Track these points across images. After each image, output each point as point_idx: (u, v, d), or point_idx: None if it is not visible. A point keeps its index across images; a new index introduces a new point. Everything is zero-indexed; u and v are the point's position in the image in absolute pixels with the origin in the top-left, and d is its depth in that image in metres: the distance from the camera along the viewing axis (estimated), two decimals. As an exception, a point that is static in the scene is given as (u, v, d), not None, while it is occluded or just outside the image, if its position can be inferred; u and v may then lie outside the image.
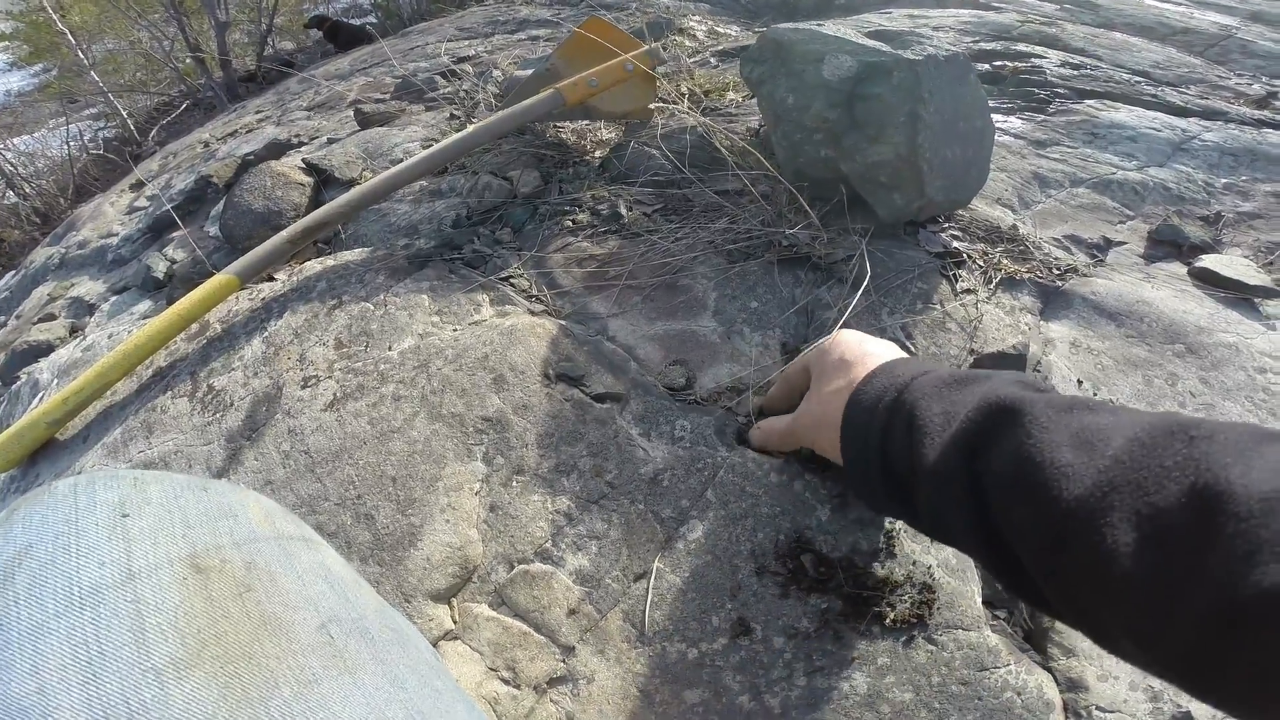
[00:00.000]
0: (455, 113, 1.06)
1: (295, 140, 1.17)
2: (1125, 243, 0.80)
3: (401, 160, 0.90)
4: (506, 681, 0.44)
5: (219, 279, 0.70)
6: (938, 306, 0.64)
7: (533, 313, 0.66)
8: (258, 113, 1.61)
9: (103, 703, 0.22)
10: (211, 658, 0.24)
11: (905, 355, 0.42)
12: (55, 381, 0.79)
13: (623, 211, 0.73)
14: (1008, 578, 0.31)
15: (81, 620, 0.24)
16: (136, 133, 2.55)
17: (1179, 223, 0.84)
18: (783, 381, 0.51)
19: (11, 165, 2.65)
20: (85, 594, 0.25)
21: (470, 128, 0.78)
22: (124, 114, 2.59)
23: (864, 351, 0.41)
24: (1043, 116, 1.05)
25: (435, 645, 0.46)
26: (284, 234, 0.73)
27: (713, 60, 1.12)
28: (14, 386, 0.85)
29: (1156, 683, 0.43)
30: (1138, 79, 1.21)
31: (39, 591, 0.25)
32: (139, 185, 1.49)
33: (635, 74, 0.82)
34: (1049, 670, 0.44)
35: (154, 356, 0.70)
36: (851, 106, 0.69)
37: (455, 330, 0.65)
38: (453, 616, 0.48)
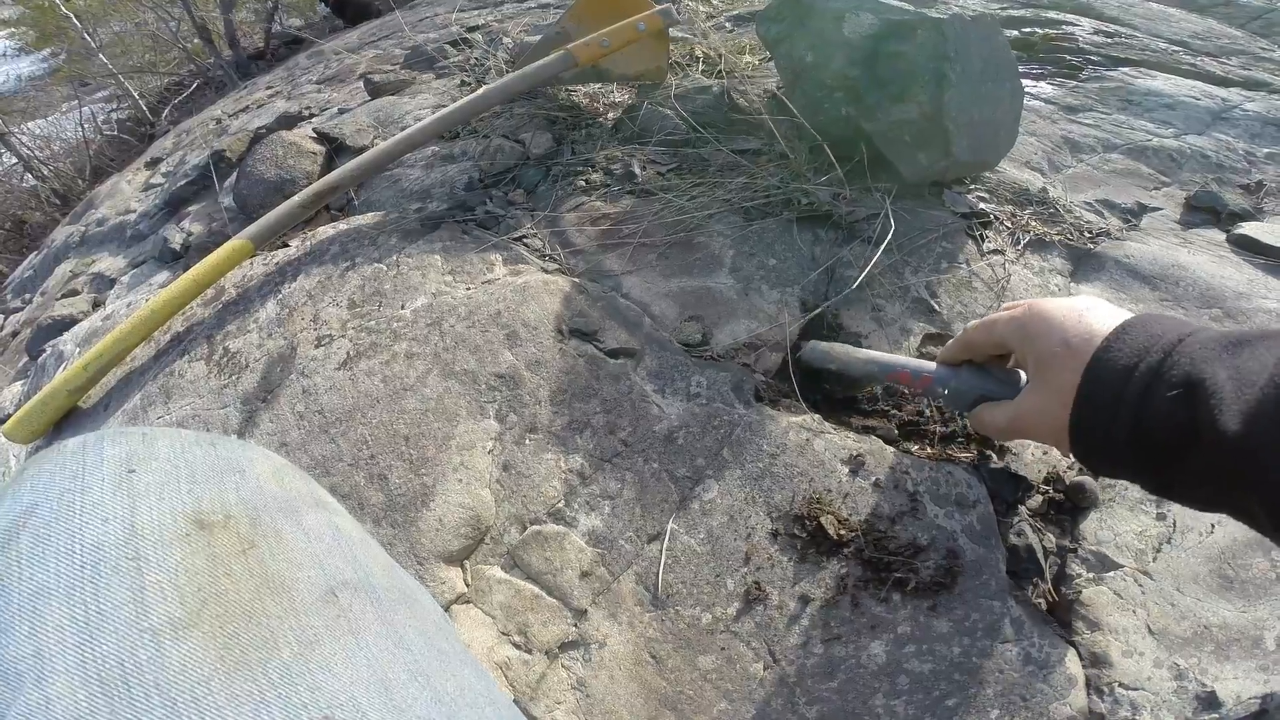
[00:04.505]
0: (466, 80, 1.04)
1: (306, 112, 1.16)
2: (1160, 208, 0.77)
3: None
4: (518, 646, 0.44)
5: (232, 244, 0.70)
6: (963, 266, 0.62)
7: (546, 271, 0.65)
8: (268, 88, 1.60)
9: (98, 664, 0.22)
10: (211, 617, 0.24)
11: (1118, 308, 0.37)
12: (77, 351, 0.80)
13: (636, 171, 0.71)
14: None
15: (82, 580, 0.24)
16: (149, 113, 2.56)
17: (1218, 189, 0.81)
18: (964, 345, 0.44)
19: (28, 149, 2.68)
20: (87, 553, 0.25)
21: (481, 89, 0.77)
22: (135, 95, 2.60)
23: (1087, 325, 0.36)
24: (1074, 83, 1.01)
25: (448, 609, 0.46)
26: (296, 198, 0.72)
27: (728, 25, 1.09)
28: (40, 359, 0.86)
29: (1182, 660, 0.42)
30: (1176, 48, 1.16)
31: (41, 551, 0.25)
32: (154, 163, 1.50)
33: (647, 34, 0.80)
34: (1072, 644, 0.42)
35: (171, 322, 0.70)
36: (874, 64, 0.66)
37: (468, 289, 0.64)
38: (465, 579, 0.47)
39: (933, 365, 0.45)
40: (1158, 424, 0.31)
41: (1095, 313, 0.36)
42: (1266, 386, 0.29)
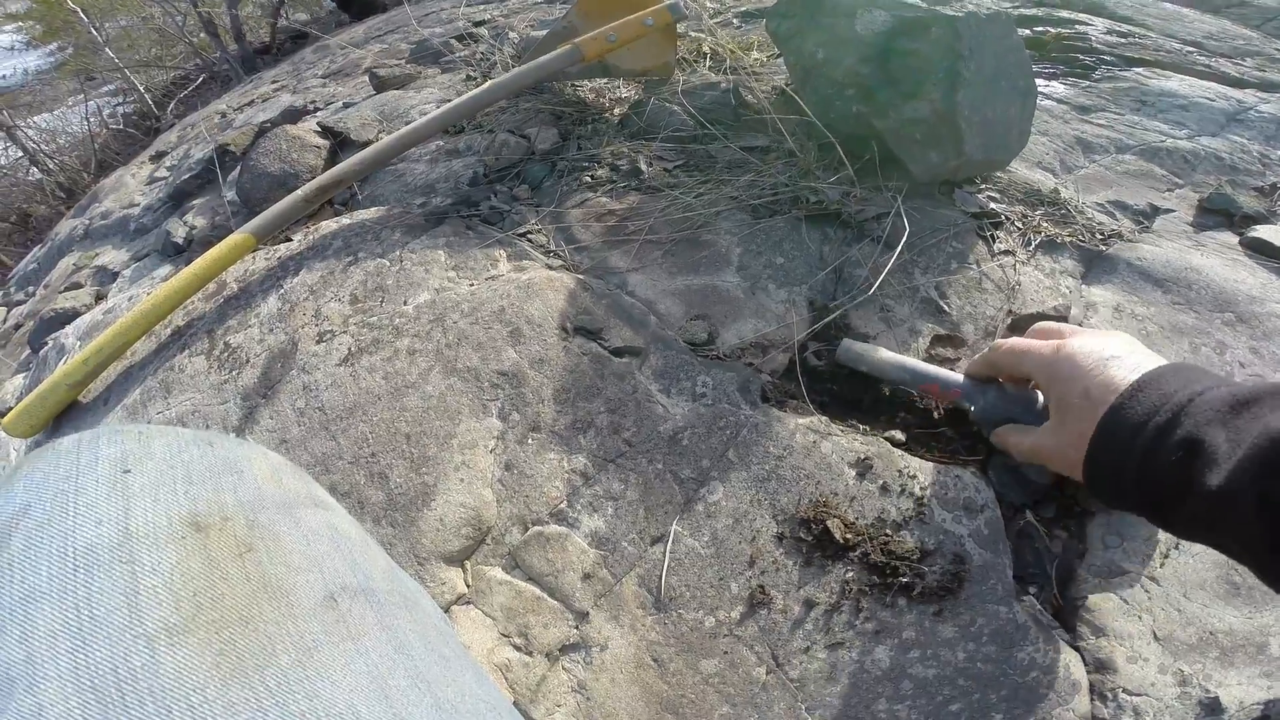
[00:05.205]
0: (471, 74, 1.03)
1: (311, 106, 1.16)
2: (1173, 210, 0.76)
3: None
4: (519, 648, 0.44)
5: (235, 238, 0.69)
6: (974, 266, 0.61)
7: (550, 267, 0.65)
8: (274, 82, 1.60)
9: (90, 670, 0.21)
10: (206, 622, 0.23)
11: (1152, 355, 0.40)
12: (78, 344, 0.80)
13: (643, 167, 0.71)
14: None
15: (75, 584, 0.23)
16: (155, 107, 2.56)
17: (1231, 192, 0.79)
18: (989, 365, 0.48)
19: (34, 143, 2.69)
20: (80, 555, 0.24)
21: (487, 84, 0.76)
22: (141, 89, 2.61)
23: (1108, 377, 0.39)
24: (1087, 83, 1.00)
25: (448, 610, 0.45)
26: (299, 192, 0.72)
27: (735, 21, 1.08)
28: (41, 353, 0.86)
29: (1186, 666, 0.41)
30: (1190, 49, 1.15)
31: (34, 554, 0.24)
32: (159, 157, 1.49)
33: (654, 29, 0.79)
34: (1077, 650, 0.42)
35: (172, 316, 0.69)
36: (886, 62, 0.66)
37: (472, 285, 0.63)
38: (466, 580, 0.47)
39: (961, 378, 0.49)
40: (1158, 478, 0.35)
41: (1118, 363, 0.39)
42: (1248, 445, 0.32)
